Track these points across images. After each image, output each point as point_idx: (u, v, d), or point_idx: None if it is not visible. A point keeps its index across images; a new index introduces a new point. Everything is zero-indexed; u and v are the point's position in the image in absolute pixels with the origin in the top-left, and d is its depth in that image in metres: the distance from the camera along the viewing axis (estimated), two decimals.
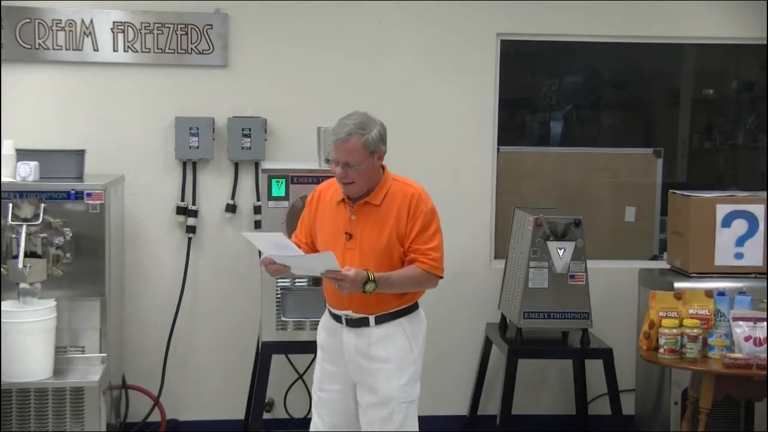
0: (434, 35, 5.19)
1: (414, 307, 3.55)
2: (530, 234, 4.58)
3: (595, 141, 5.71)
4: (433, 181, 4.99)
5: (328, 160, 3.66)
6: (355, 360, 3.46)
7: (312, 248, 3.58)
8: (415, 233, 3.41)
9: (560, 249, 4.56)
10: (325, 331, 3.61)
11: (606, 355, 4.65)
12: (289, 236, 4.29)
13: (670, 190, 5.14)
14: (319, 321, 4.26)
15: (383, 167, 3.54)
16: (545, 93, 5.72)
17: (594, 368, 4.85)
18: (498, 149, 5.30)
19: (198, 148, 5.00)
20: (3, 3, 4.84)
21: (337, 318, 3.51)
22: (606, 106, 5.84)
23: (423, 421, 5.01)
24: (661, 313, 4.16)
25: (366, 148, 3.34)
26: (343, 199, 3.46)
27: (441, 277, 3.58)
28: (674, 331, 4.07)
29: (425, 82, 5.20)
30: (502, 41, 5.26)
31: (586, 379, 5.02)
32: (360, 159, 3.33)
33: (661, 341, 4.32)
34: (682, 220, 4.82)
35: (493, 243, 5.32)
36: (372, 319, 3.43)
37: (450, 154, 5.21)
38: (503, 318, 5.01)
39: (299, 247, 3.50)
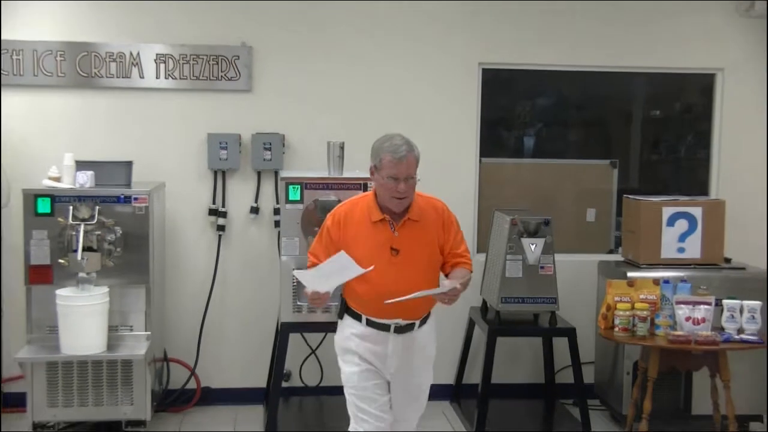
0: (427, 65, 5.22)
1: None
2: (507, 232, 4.61)
3: (562, 153, 5.73)
4: (425, 187, 5.01)
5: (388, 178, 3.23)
6: (399, 362, 3.31)
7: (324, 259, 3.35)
8: (452, 240, 3.31)
9: (532, 244, 4.59)
10: (363, 340, 3.34)
11: (570, 333, 4.69)
12: (305, 236, 4.41)
13: (624, 195, 5.19)
14: (323, 307, 4.16)
15: None
16: (520, 113, 5.72)
17: (560, 344, 4.91)
18: (480, 160, 5.34)
19: (227, 159, 5.02)
20: (65, 39, 4.87)
21: (382, 327, 3.29)
22: (570, 124, 5.85)
23: None
24: (616, 298, 4.23)
25: (417, 164, 3.24)
26: (381, 219, 3.24)
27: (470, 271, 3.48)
28: (627, 313, 4.14)
29: (419, 104, 5.23)
30: (483, 69, 5.30)
31: (554, 353, 5.08)
32: (414, 173, 3.21)
33: (616, 321, 4.39)
34: (634, 220, 4.87)
35: (476, 239, 5.34)
36: (417, 323, 3.33)
37: (440, 163, 5.19)
38: (484, 302, 5.04)
39: (314, 262, 3.33)
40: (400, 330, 3.27)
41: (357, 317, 3.33)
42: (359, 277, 3.19)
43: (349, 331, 3.37)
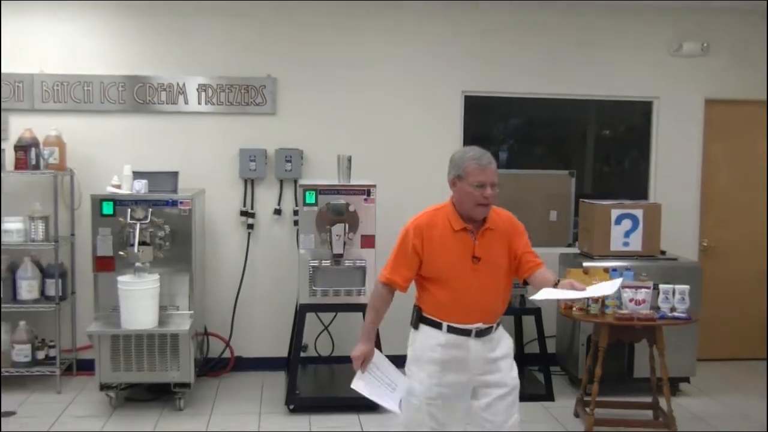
0: (419, 93, 5.27)
1: None
2: None
3: (529, 165, 5.75)
4: (418, 193, 5.11)
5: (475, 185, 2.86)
6: (481, 365, 2.92)
7: (408, 281, 3.00)
8: (523, 245, 2.95)
9: None
10: (443, 348, 2.92)
11: (536, 312, 4.79)
12: (318, 232, 4.44)
13: (580, 199, 5.28)
14: (334, 291, 4.42)
15: None
16: (495, 132, 5.73)
17: (528, 321, 4.98)
18: None
19: (255, 170, 5.09)
20: (125, 73, 4.98)
21: (463, 332, 2.90)
22: (537, 141, 5.86)
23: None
24: None
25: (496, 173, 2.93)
26: (463, 228, 2.89)
27: None
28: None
29: (413, 124, 5.28)
30: (465, 96, 5.36)
31: (523, 328, 5.12)
32: (497, 180, 2.91)
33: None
34: (589, 220, 4.96)
35: None
36: (495, 325, 2.96)
37: (431, 173, 5.15)
38: None
39: (397, 284, 2.98)
40: (480, 334, 2.91)
41: (437, 325, 2.93)
42: (440, 284, 2.91)
43: (433, 341, 2.93)
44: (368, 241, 4.51)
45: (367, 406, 4.45)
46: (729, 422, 4.44)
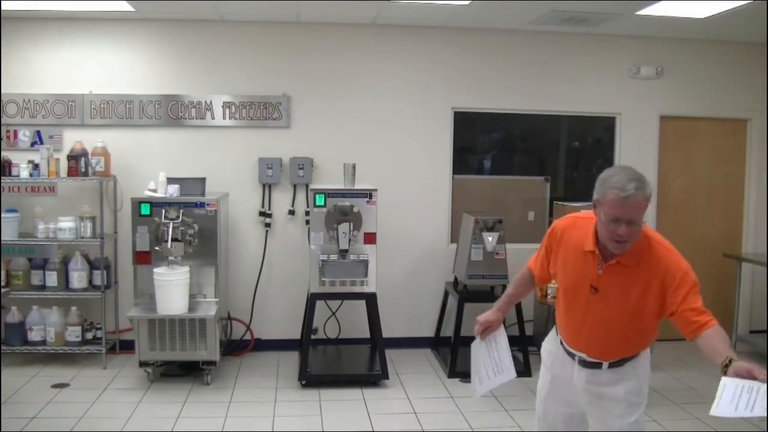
0: (415, 109, 5.24)
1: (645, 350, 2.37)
2: (472, 228, 4.67)
3: (510, 172, 5.72)
4: (415, 196, 5.26)
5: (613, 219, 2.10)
6: (585, 395, 2.37)
7: (541, 277, 2.52)
8: (681, 299, 2.15)
9: (490, 237, 4.64)
10: (554, 358, 2.46)
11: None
12: (327, 230, 4.40)
13: (555, 201, 5.30)
14: (341, 282, 4.39)
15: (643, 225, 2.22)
16: (480, 143, 5.72)
17: None
18: (453, 177, 5.39)
19: (272, 176, 5.06)
20: (161, 93, 4.96)
21: (569, 354, 2.38)
22: (516, 151, 5.86)
23: (406, 340, 5.28)
24: None
25: (647, 205, 2.11)
26: (592, 251, 2.22)
27: None
28: (555, 285, 4.13)
29: (409, 136, 5.26)
30: (455, 112, 5.32)
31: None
32: (641, 216, 2.12)
33: (548, 291, 4.54)
34: None
35: (449, 233, 5.37)
36: (606, 364, 2.31)
37: (424, 179, 5.28)
38: (455, 278, 5.08)
39: (534, 273, 2.53)
40: (584, 364, 2.34)
41: (556, 331, 2.48)
42: (561, 295, 2.40)
43: (551, 343, 2.51)
44: (370, 238, 4.49)
45: (370, 382, 4.51)
46: (681, 393, 4.44)
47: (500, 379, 2.50)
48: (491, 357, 2.54)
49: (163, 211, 4.37)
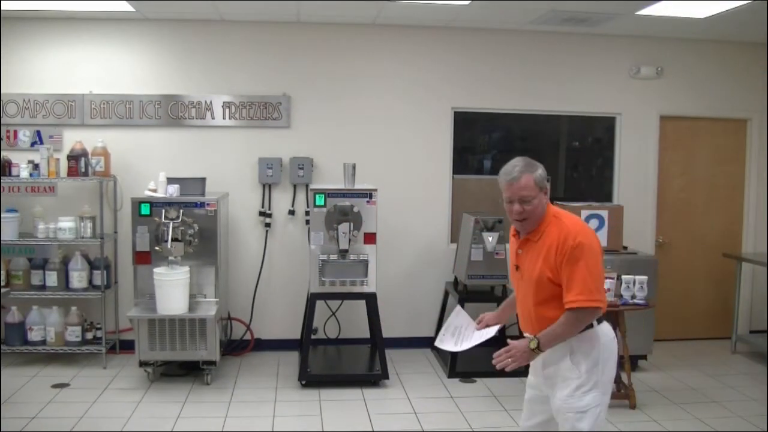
0: (415, 109, 5.24)
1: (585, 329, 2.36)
2: (472, 227, 4.67)
3: None
4: (415, 196, 5.26)
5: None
6: (542, 377, 2.49)
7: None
8: (565, 275, 2.29)
9: (490, 237, 4.64)
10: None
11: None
12: (327, 230, 4.39)
13: (555, 201, 4.99)
14: (341, 281, 4.36)
15: (548, 205, 2.43)
16: (480, 143, 5.71)
17: None
18: (453, 176, 5.38)
19: (272, 176, 5.05)
20: (161, 93, 4.95)
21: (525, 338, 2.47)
22: (516, 151, 5.50)
23: (406, 340, 5.28)
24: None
25: (537, 184, 2.36)
26: (514, 234, 2.52)
27: (599, 307, 2.30)
28: None
29: (410, 136, 5.25)
30: (455, 112, 5.32)
31: None
32: (533, 194, 2.35)
33: None
34: None
35: (449, 233, 5.37)
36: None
37: (424, 179, 5.28)
38: (455, 278, 5.08)
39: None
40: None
41: None
42: (512, 280, 2.58)
43: None
44: (370, 238, 4.48)
45: (370, 382, 4.51)
46: (681, 393, 4.43)
47: (481, 335, 2.60)
48: (475, 335, 2.65)
49: (163, 211, 4.36)
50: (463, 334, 2.67)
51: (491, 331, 2.60)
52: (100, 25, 4.92)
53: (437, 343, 2.71)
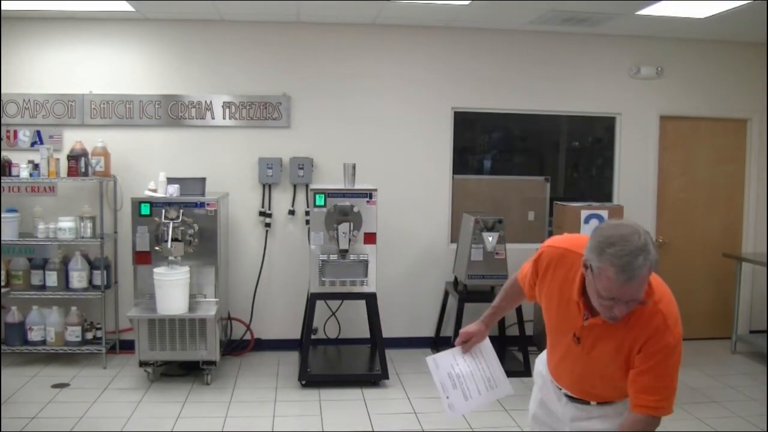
0: (415, 109, 5.23)
1: None
2: (472, 227, 4.68)
3: (510, 172, 5.71)
4: (415, 196, 5.26)
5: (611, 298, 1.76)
6: (570, 425, 2.13)
7: (528, 286, 2.15)
8: (651, 366, 1.85)
9: (490, 237, 4.65)
10: (543, 381, 2.23)
11: None
12: (327, 230, 4.39)
13: (554, 201, 5.26)
14: (341, 281, 4.34)
15: None
16: (480, 143, 5.71)
17: None
18: (453, 176, 5.38)
19: (272, 176, 5.05)
20: (161, 93, 4.94)
21: (556, 385, 2.16)
22: (516, 151, 5.84)
23: (406, 340, 5.29)
24: None
25: (649, 275, 1.76)
26: (577, 302, 1.91)
27: (666, 414, 1.91)
28: None
29: (410, 136, 5.25)
30: (455, 112, 5.31)
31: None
32: (642, 294, 1.77)
33: None
34: (561, 219, 4.95)
35: (449, 233, 5.36)
36: (594, 402, 2.07)
37: (424, 179, 5.28)
38: (455, 278, 5.08)
39: (523, 283, 2.19)
40: (571, 399, 2.11)
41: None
42: (549, 332, 2.11)
43: (543, 367, 2.24)
44: (370, 238, 4.47)
45: (370, 382, 4.51)
46: (681, 393, 4.35)
47: (494, 394, 2.22)
48: (480, 370, 2.24)
49: (163, 211, 4.36)
50: (462, 378, 2.23)
51: (506, 385, 2.23)
52: (100, 25, 4.92)
53: (451, 416, 2.22)
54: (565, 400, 2.12)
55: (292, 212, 5.18)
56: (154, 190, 4.52)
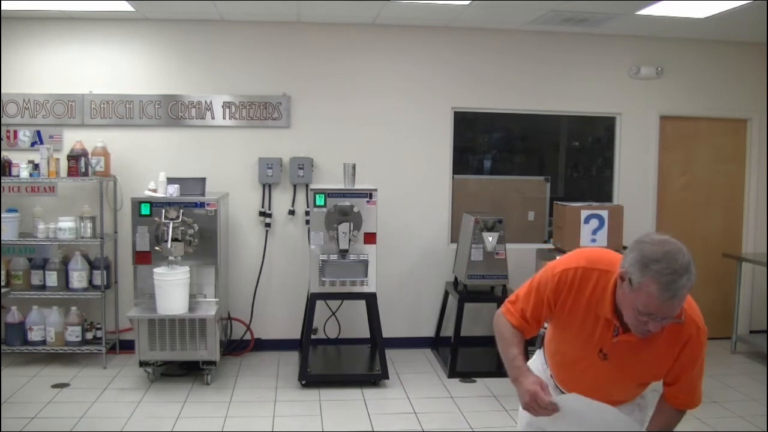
0: (415, 109, 5.23)
1: None
2: (472, 227, 4.67)
3: (510, 172, 5.71)
4: (415, 196, 5.26)
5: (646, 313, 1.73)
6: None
7: (533, 325, 1.98)
8: (684, 367, 1.88)
9: (490, 237, 4.64)
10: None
11: None
12: (327, 230, 4.40)
13: (554, 202, 5.20)
14: (341, 282, 4.35)
15: None
16: (480, 143, 5.71)
17: None
18: (453, 177, 5.38)
19: (272, 176, 5.05)
20: (161, 93, 4.94)
21: (561, 390, 2.09)
22: (516, 151, 5.83)
23: (406, 340, 5.29)
24: None
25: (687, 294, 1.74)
26: (608, 319, 1.85)
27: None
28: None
29: (410, 136, 5.24)
30: (455, 112, 5.32)
31: None
32: (679, 311, 1.76)
33: None
34: (561, 219, 4.92)
35: (450, 233, 5.37)
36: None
37: (424, 179, 5.27)
38: (455, 278, 5.08)
39: (524, 326, 1.99)
40: None
41: (546, 362, 2.16)
42: (565, 351, 2.01)
43: (542, 374, 2.11)
44: (370, 238, 4.48)
45: (370, 382, 4.51)
46: None
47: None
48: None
49: (163, 211, 4.36)
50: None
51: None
52: (100, 25, 4.92)
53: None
54: None
55: (292, 212, 5.18)
56: (154, 190, 4.53)
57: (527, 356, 2.03)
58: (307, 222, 5.03)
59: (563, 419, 1.86)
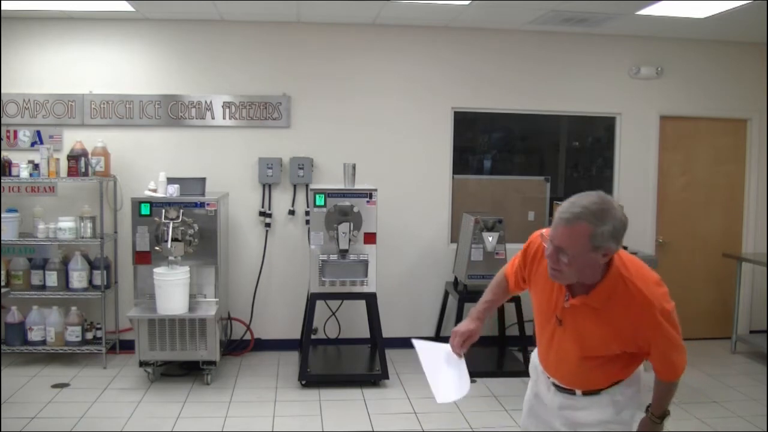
0: (415, 109, 5.23)
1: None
2: (472, 227, 4.68)
3: (510, 172, 5.68)
4: (415, 196, 5.26)
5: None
6: (560, 419, 2.13)
7: (519, 282, 2.18)
8: (653, 343, 1.91)
9: (490, 237, 4.65)
10: (537, 374, 2.23)
11: (516, 299, 4.73)
12: (327, 231, 4.40)
13: (554, 201, 5.29)
14: (341, 281, 4.35)
15: (609, 265, 1.87)
16: (480, 143, 5.70)
17: (509, 307, 4.93)
18: (453, 177, 5.38)
19: (272, 176, 5.05)
20: (161, 93, 4.94)
21: (546, 375, 2.16)
22: (516, 151, 5.81)
23: (407, 340, 5.24)
24: None
25: (592, 241, 1.78)
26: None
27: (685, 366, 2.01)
28: None
29: (410, 136, 5.24)
30: (455, 112, 5.31)
31: (504, 313, 5.10)
32: (578, 250, 1.79)
33: None
34: None
35: (450, 233, 5.37)
36: (579, 391, 2.07)
37: (424, 179, 5.27)
38: (455, 278, 5.08)
39: (509, 279, 2.22)
40: (558, 389, 2.12)
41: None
42: (536, 317, 2.12)
43: (537, 359, 2.22)
44: (370, 238, 4.48)
45: (370, 382, 4.51)
46: (681, 393, 4.34)
47: (461, 392, 2.14)
48: (450, 368, 2.20)
49: (163, 211, 4.36)
50: (449, 368, 2.20)
51: (467, 383, 2.15)
52: (100, 25, 4.92)
53: (441, 401, 2.16)
54: (554, 390, 2.15)
55: (292, 212, 5.18)
56: (154, 190, 4.53)
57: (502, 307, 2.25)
58: (307, 222, 5.02)
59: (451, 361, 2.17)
